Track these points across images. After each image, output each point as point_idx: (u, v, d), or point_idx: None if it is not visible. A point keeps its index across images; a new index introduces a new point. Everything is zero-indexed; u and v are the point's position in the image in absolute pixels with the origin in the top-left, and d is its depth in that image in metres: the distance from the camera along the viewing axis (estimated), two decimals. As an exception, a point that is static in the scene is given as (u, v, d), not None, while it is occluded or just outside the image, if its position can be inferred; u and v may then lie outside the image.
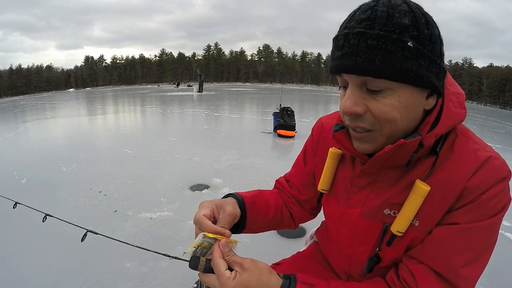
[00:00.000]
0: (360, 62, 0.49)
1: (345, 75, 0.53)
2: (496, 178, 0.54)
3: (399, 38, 0.48)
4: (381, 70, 0.49)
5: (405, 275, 0.58)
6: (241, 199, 0.72)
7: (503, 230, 2.57)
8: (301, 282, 0.55)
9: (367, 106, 0.53)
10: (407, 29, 0.48)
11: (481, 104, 48.02)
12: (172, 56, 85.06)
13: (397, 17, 0.49)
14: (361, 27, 0.49)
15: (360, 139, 0.57)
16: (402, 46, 0.48)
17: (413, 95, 0.52)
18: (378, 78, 0.50)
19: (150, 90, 31.11)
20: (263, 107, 13.13)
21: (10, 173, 3.94)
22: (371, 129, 0.54)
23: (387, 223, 0.61)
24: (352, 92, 0.53)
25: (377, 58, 0.48)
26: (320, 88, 53.25)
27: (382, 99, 0.52)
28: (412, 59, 0.49)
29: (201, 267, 0.54)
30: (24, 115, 11.62)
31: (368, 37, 0.49)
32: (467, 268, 0.54)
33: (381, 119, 0.53)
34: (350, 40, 0.50)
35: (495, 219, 0.54)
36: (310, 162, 0.82)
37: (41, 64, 72.76)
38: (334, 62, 0.54)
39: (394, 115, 0.52)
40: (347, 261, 0.72)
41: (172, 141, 5.92)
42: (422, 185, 0.55)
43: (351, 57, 0.50)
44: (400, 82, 0.50)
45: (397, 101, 0.51)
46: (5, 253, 2.16)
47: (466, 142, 0.58)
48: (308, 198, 0.84)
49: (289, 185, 0.87)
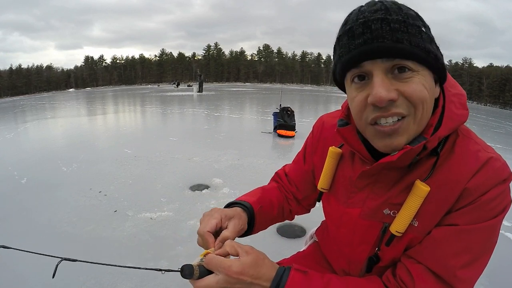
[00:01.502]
0: (389, 44, 0.49)
1: (369, 63, 0.51)
2: (496, 180, 0.53)
3: (415, 23, 0.51)
4: (411, 50, 0.50)
5: (402, 274, 0.58)
6: (250, 207, 0.74)
7: (503, 230, 2.57)
8: (295, 269, 0.57)
9: (398, 90, 0.51)
10: (416, 18, 0.53)
11: (481, 104, 47.99)
12: (172, 56, 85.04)
13: (405, 8, 0.53)
14: (379, 14, 0.50)
15: (392, 133, 0.53)
16: (420, 30, 0.51)
17: (431, 79, 0.54)
18: (407, 59, 0.50)
19: (150, 90, 31.11)
20: (263, 107, 13.13)
21: (10, 173, 3.94)
22: (406, 115, 0.52)
23: (387, 223, 0.61)
24: (381, 78, 0.51)
25: (405, 39, 0.49)
26: (320, 88, 53.28)
27: (410, 81, 0.51)
28: (428, 42, 0.52)
29: (196, 272, 0.53)
30: (24, 115, 11.62)
31: (390, 21, 0.50)
32: (465, 270, 0.54)
33: (415, 99, 0.51)
34: (371, 26, 0.50)
35: (495, 221, 0.54)
36: (310, 160, 0.83)
37: (41, 64, 72.76)
38: (355, 51, 0.52)
39: (426, 93, 0.52)
40: (346, 261, 0.72)
41: (172, 141, 5.92)
42: (422, 185, 0.55)
43: (377, 40, 0.49)
44: (423, 64, 0.52)
45: (424, 81, 0.52)
46: (5, 253, 2.16)
47: (467, 142, 0.57)
48: (305, 196, 0.85)
49: (288, 181, 0.88)
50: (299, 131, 6.46)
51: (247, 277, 0.53)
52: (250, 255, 0.55)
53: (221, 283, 0.53)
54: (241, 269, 0.53)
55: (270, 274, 0.55)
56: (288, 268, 0.58)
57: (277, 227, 2.52)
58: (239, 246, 0.57)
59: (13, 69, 68.14)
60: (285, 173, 0.90)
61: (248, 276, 0.53)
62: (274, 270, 0.56)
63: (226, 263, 0.53)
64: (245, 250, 0.56)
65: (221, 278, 0.53)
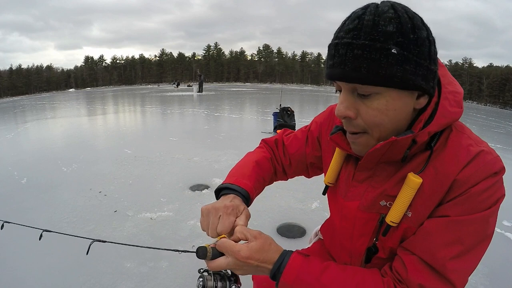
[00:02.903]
0: (348, 71, 0.53)
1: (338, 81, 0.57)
2: (487, 172, 0.54)
3: (383, 46, 0.51)
4: (367, 78, 0.52)
5: (397, 265, 0.60)
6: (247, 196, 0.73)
7: (503, 230, 2.56)
8: (298, 252, 0.62)
9: (358, 110, 0.57)
10: (391, 36, 0.51)
11: (481, 104, 47.96)
12: (172, 56, 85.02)
13: (382, 24, 0.51)
14: (349, 38, 0.53)
15: (353, 142, 0.62)
16: (386, 54, 0.51)
17: (401, 97, 0.55)
18: (364, 84, 0.53)
19: (150, 90, 31.11)
20: (263, 107, 13.13)
21: (10, 173, 3.94)
22: (361, 132, 0.59)
23: (384, 214, 0.64)
24: (345, 97, 0.57)
25: (363, 67, 0.52)
26: (320, 88, 53.28)
27: (370, 104, 0.55)
28: (396, 65, 0.51)
29: (209, 254, 0.59)
30: (24, 115, 11.62)
31: (354, 47, 0.52)
32: (456, 261, 0.54)
33: (369, 123, 0.57)
34: (339, 50, 0.54)
35: (487, 213, 0.54)
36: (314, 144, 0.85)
37: (41, 64, 72.74)
38: (327, 70, 0.59)
39: (381, 118, 0.56)
40: (348, 254, 0.74)
41: (172, 141, 5.92)
42: (414, 177, 0.57)
43: (340, 66, 0.54)
44: (386, 87, 0.53)
45: (384, 104, 0.55)
46: (5, 253, 2.16)
47: (460, 137, 0.59)
48: (293, 172, 0.90)
49: (284, 152, 0.90)
50: (299, 131, 6.46)
51: (254, 261, 0.58)
52: (258, 241, 0.60)
53: (231, 265, 0.59)
54: (248, 254, 0.58)
55: (274, 257, 0.60)
56: (291, 252, 0.62)
57: (277, 227, 2.52)
58: (248, 231, 0.61)
59: (13, 69, 68.19)
60: (283, 143, 0.90)
61: (254, 260, 0.58)
62: (278, 254, 0.61)
63: (236, 247, 0.58)
64: (254, 235, 0.60)
65: (231, 260, 0.58)
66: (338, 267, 0.61)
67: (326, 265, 0.61)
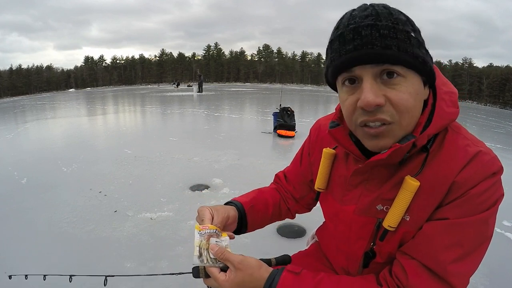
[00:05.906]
0: (378, 50, 0.51)
1: (359, 68, 0.53)
2: (485, 173, 0.53)
3: (404, 29, 0.52)
4: (399, 56, 0.51)
5: (397, 270, 0.59)
6: (240, 206, 0.79)
7: (503, 230, 2.56)
8: (288, 270, 0.60)
9: (386, 96, 0.53)
10: (406, 23, 0.53)
11: (481, 104, 47.91)
12: (172, 56, 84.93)
13: (395, 13, 0.54)
14: (370, 20, 0.52)
15: (377, 135, 0.55)
16: (408, 36, 0.52)
17: (419, 82, 0.55)
18: (395, 64, 0.51)
19: (150, 90, 31.11)
20: (263, 107, 13.12)
21: (10, 173, 3.94)
22: (391, 121, 0.53)
23: (380, 218, 0.62)
24: (371, 83, 0.53)
25: (393, 45, 0.51)
26: (320, 88, 53.21)
27: (399, 87, 0.53)
28: (416, 47, 0.52)
29: (202, 274, 0.61)
30: (24, 115, 11.62)
31: (380, 28, 0.51)
32: (457, 264, 0.53)
33: (401, 107, 0.53)
34: (361, 32, 0.52)
35: (486, 214, 0.53)
36: (306, 161, 0.86)
37: (41, 65, 72.53)
38: (345, 56, 0.53)
39: (412, 102, 0.53)
40: (345, 258, 0.73)
41: (172, 141, 5.92)
42: (412, 180, 0.56)
43: (366, 46, 0.51)
44: (411, 68, 0.53)
45: (412, 87, 0.53)
46: (5, 253, 2.16)
47: (456, 138, 0.58)
48: (302, 196, 0.89)
49: (287, 181, 0.92)
50: (299, 131, 6.46)
51: None
52: (238, 274, 0.58)
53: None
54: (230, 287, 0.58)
55: (260, 284, 0.59)
56: (281, 270, 0.61)
57: (277, 227, 2.52)
58: (229, 258, 0.59)
59: (13, 69, 68.14)
60: (284, 174, 0.94)
61: None
62: (264, 279, 0.60)
63: (219, 279, 0.59)
64: (235, 265, 0.59)
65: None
66: (331, 280, 0.60)
67: (319, 280, 0.59)
